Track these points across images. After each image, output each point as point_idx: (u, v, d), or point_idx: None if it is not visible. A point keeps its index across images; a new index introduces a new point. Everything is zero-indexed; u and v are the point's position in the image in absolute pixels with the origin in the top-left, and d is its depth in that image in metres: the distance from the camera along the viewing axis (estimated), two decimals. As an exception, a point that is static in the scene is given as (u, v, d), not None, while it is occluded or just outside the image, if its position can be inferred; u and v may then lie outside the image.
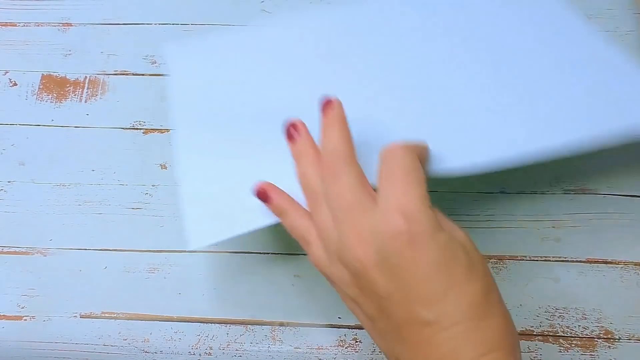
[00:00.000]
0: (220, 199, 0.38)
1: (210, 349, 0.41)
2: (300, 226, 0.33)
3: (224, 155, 0.40)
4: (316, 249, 0.32)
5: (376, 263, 0.29)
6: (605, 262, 0.43)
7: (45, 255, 0.44)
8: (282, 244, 0.44)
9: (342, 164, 0.31)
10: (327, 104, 0.34)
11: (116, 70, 0.51)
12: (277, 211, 0.34)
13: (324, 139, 0.33)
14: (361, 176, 0.32)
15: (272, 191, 0.35)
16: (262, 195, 0.35)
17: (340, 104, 0.34)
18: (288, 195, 0.34)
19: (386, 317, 0.29)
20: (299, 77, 0.44)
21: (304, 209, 0.34)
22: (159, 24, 0.53)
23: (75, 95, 0.50)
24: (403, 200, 0.29)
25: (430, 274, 0.28)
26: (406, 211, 0.28)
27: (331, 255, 0.31)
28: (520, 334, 0.41)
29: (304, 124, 0.35)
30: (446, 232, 0.29)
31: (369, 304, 0.30)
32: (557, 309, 0.41)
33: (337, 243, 0.30)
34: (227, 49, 0.48)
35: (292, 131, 0.35)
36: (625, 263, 0.43)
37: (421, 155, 0.33)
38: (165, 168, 0.47)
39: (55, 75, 0.51)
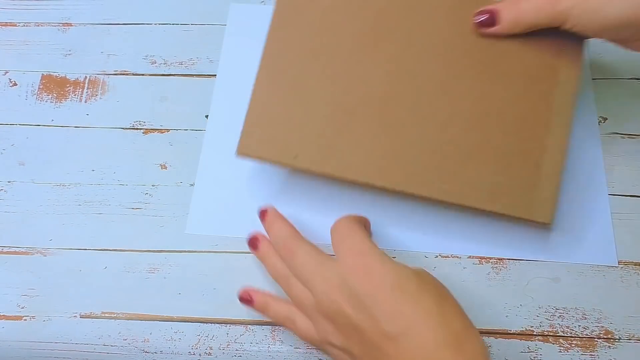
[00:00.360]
0: (223, 200, 0.45)
1: (210, 349, 0.41)
2: (281, 310, 0.39)
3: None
4: (301, 322, 0.38)
5: (347, 299, 0.34)
6: (605, 264, 0.43)
7: (45, 255, 0.44)
8: (282, 244, 0.44)
9: (293, 242, 0.38)
10: (262, 213, 0.42)
11: (116, 70, 0.51)
12: (260, 307, 0.40)
13: (271, 234, 0.40)
14: (313, 246, 0.38)
15: (253, 293, 0.40)
16: (246, 298, 0.40)
17: (273, 208, 0.42)
18: (267, 292, 0.41)
19: (368, 350, 0.33)
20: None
21: (281, 298, 0.40)
22: (159, 24, 0.53)
23: (75, 95, 0.50)
24: (353, 246, 0.36)
25: (387, 294, 0.33)
26: (358, 251, 0.35)
27: (313, 316, 0.36)
28: (520, 334, 0.41)
29: (263, 235, 0.42)
30: (394, 261, 0.35)
31: (352, 344, 0.34)
32: (557, 309, 0.41)
33: (314, 301, 0.36)
34: None
35: (254, 242, 0.42)
36: (625, 263, 0.43)
37: (364, 222, 0.40)
38: (165, 168, 0.47)
39: (55, 75, 0.51)
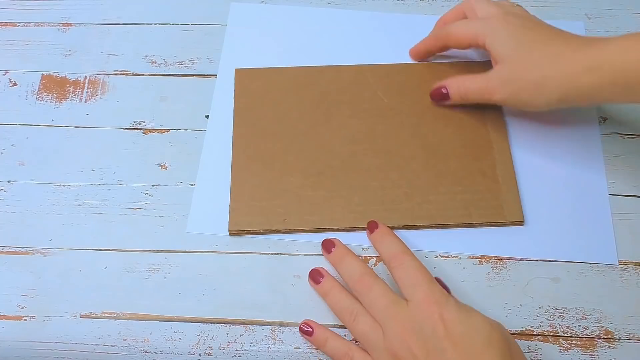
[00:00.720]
0: (223, 200, 0.45)
1: (210, 349, 0.41)
2: (340, 347, 0.39)
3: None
4: (359, 359, 0.38)
5: (418, 343, 0.35)
6: (606, 262, 0.43)
7: (45, 255, 0.44)
8: (282, 244, 0.44)
9: (370, 278, 0.39)
10: (328, 244, 0.42)
11: (116, 70, 0.51)
12: (319, 341, 0.40)
13: (343, 269, 0.41)
14: (386, 284, 0.39)
15: (314, 326, 0.40)
16: (305, 330, 0.40)
17: (339, 241, 0.42)
18: (328, 328, 0.40)
19: None
20: None
21: (338, 335, 0.40)
22: (159, 24, 0.53)
23: (75, 95, 0.50)
24: (431, 293, 0.36)
25: (458, 346, 0.34)
26: (435, 300, 0.36)
27: (377, 353, 0.37)
28: (520, 334, 0.41)
29: (325, 269, 0.42)
30: (466, 308, 0.36)
31: None
32: (557, 309, 0.41)
33: (383, 339, 0.36)
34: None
35: (316, 275, 0.41)
36: (625, 263, 0.43)
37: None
38: (165, 168, 0.47)
39: (55, 75, 0.51)
